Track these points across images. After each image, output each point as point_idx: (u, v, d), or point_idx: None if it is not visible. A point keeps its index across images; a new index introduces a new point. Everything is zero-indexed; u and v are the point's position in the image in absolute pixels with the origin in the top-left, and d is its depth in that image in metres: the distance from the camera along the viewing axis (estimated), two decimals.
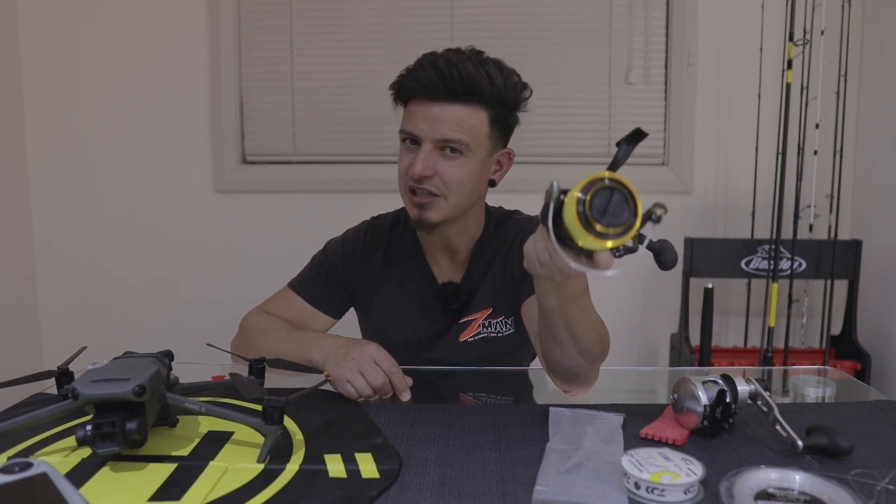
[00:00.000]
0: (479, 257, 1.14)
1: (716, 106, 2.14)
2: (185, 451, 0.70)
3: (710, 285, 1.89)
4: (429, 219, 1.04)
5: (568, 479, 0.63)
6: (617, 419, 0.78)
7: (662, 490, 0.59)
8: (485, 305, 1.13)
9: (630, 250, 0.64)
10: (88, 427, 0.63)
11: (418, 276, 1.16)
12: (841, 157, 1.96)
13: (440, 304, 1.13)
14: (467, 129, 1.01)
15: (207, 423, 0.77)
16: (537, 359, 1.32)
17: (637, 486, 0.60)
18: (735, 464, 0.66)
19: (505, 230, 1.16)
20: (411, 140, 1.04)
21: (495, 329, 1.13)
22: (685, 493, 0.59)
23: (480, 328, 1.12)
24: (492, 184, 1.11)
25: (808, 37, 1.86)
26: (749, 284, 2.08)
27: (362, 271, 1.18)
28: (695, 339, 1.99)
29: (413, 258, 1.17)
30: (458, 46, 1.05)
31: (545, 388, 1.09)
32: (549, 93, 2.15)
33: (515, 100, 1.05)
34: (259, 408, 0.69)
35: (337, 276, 1.18)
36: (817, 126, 1.96)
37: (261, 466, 0.66)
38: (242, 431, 0.75)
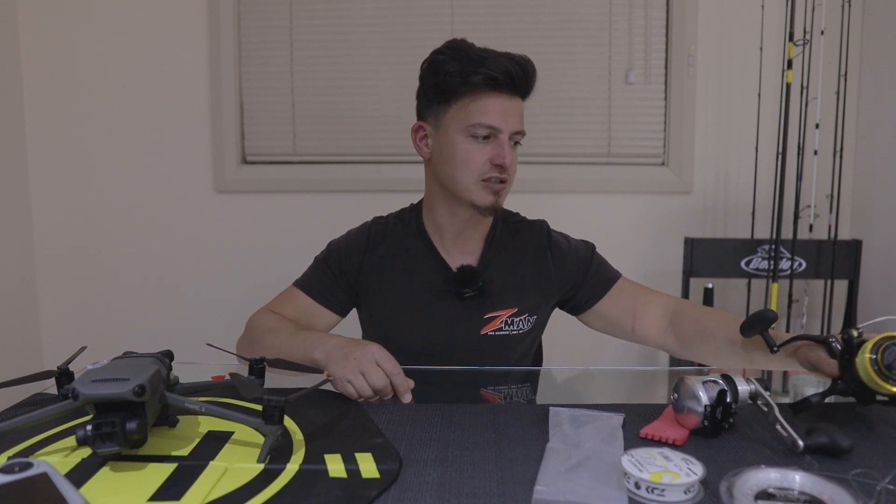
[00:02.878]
0: (490, 246, 1.19)
1: (716, 106, 2.14)
2: (185, 451, 0.70)
3: (710, 285, 1.89)
4: (501, 204, 1.13)
5: (568, 479, 0.63)
6: (617, 419, 0.78)
7: (662, 490, 0.59)
8: (510, 305, 1.16)
9: None
10: (88, 427, 0.63)
11: (431, 266, 1.17)
12: (841, 157, 1.96)
13: (454, 288, 1.14)
14: (523, 121, 1.11)
15: (207, 423, 0.77)
16: (535, 355, 1.33)
17: (637, 485, 0.60)
18: (735, 464, 0.66)
19: (520, 233, 1.22)
20: (482, 133, 1.07)
21: (517, 327, 1.17)
22: (685, 492, 0.59)
23: (503, 325, 1.16)
24: None
25: (808, 37, 1.86)
26: (749, 284, 2.08)
27: (366, 264, 1.19)
28: None
29: (424, 250, 1.19)
30: (462, 37, 1.10)
31: (545, 388, 1.10)
32: (549, 93, 2.15)
33: None
34: (259, 408, 0.69)
35: (341, 272, 1.19)
36: (817, 126, 1.96)
37: (261, 466, 0.66)
38: (242, 431, 0.75)
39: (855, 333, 0.78)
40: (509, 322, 1.16)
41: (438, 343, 1.16)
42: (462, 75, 1.05)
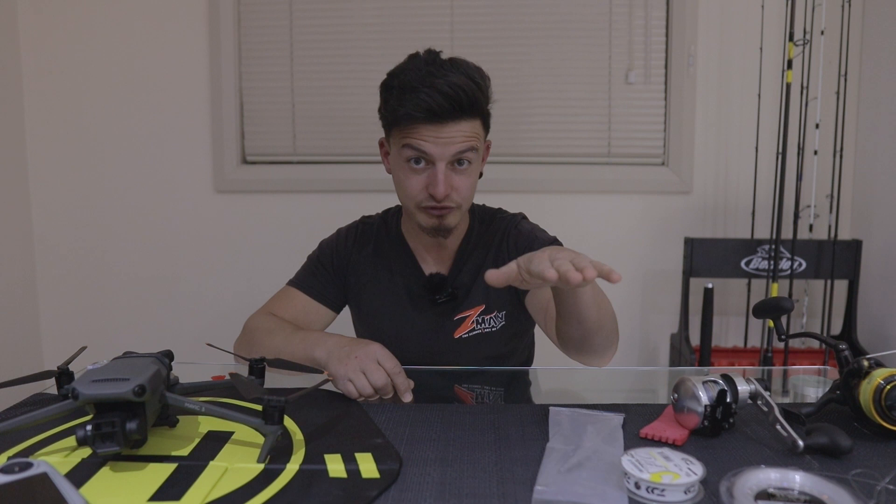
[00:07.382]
0: (464, 252, 1.19)
1: (716, 106, 2.14)
2: (185, 451, 0.70)
3: (710, 285, 1.89)
4: (449, 225, 1.09)
5: (568, 479, 0.63)
6: (617, 419, 0.78)
7: (662, 490, 0.59)
8: (478, 303, 1.16)
9: None
10: (88, 427, 0.63)
11: (407, 270, 1.20)
12: (841, 157, 1.96)
13: (427, 295, 1.16)
14: (473, 139, 1.04)
15: (207, 423, 0.77)
16: (534, 354, 1.33)
17: (637, 485, 0.60)
18: (735, 464, 0.66)
19: (492, 228, 1.20)
20: (416, 160, 1.04)
21: (489, 325, 1.16)
22: (685, 493, 0.59)
23: (474, 325, 1.16)
24: (480, 175, 1.16)
25: (808, 37, 1.86)
26: (749, 284, 2.08)
27: (355, 261, 1.21)
28: (695, 339, 1.99)
29: (402, 254, 1.21)
30: (418, 52, 1.06)
31: (545, 388, 1.10)
32: (549, 93, 2.14)
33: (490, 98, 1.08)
34: (259, 408, 0.69)
35: (333, 268, 1.21)
36: (817, 126, 1.96)
37: (261, 466, 0.66)
38: (242, 431, 0.75)
39: (866, 364, 0.76)
40: (480, 321, 1.16)
41: (414, 350, 1.15)
42: (395, 106, 1.02)
